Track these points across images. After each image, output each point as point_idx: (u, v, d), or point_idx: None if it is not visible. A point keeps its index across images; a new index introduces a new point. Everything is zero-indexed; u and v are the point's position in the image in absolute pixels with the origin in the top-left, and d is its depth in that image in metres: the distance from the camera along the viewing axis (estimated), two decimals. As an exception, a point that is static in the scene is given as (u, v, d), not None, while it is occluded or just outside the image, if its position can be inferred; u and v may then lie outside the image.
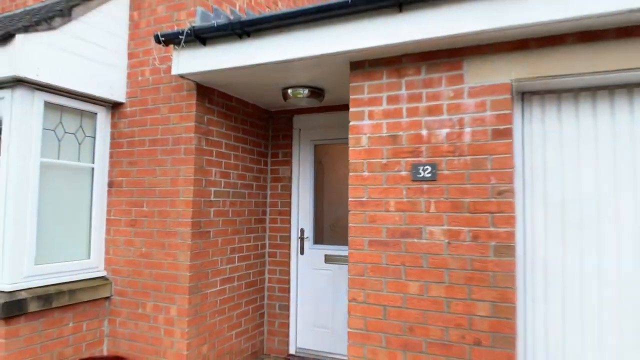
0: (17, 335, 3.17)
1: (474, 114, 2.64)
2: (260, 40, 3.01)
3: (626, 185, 2.51)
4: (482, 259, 2.56)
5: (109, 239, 3.84)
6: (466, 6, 2.44)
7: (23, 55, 3.12)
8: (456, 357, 2.58)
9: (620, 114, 2.55)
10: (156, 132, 3.68)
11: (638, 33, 2.31)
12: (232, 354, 3.97)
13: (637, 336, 2.42)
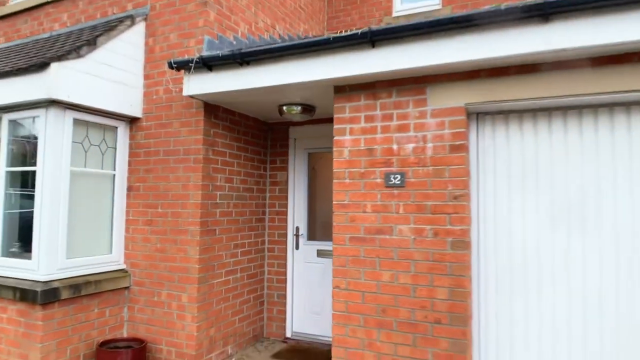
0: (52, 318, 3.73)
1: (435, 131, 3.17)
2: (258, 68, 3.55)
3: (555, 185, 3.03)
4: (441, 252, 3.09)
5: (128, 237, 4.40)
6: (425, 44, 2.97)
7: (56, 80, 3.68)
8: (421, 333, 3.12)
9: (556, 133, 3.07)
10: (169, 144, 4.24)
11: (565, 67, 2.83)
12: (236, 336, 4.54)
13: (568, 301, 2.95)
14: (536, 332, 3.02)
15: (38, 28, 5.28)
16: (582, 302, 2.92)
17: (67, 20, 5.02)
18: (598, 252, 2.91)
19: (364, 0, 6.26)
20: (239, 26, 4.59)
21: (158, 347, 4.14)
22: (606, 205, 2.91)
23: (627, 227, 2.85)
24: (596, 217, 2.93)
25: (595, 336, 2.87)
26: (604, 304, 2.86)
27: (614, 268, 2.86)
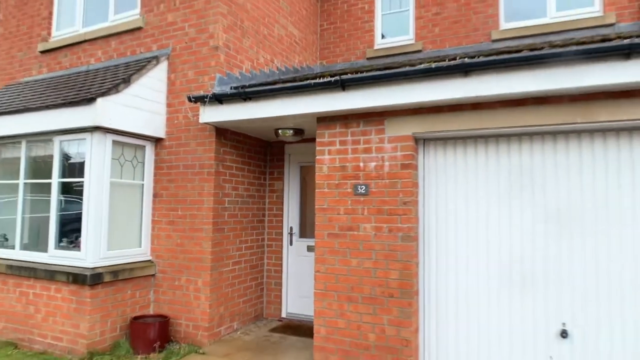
0: (97, 297, 4.79)
1: (390, 153, 4.22)
2: (258, 103, 4.61)
3: (478, 191, 4.07)
4: (394, 244, 4.13)
5: (153, 234, 5.46)
6: (381, 89, 4.02)
7: (101, 111, 4.74)
8: (379, 305, 4.15)
9: (480, 154, 4.11)
10: (187, 160, 5.31)
11: (482, 107, 3.87)
12: (240, 315, 5.59)
13: (486, 273, 3.97)
14: (464, 299, 4.05)
15: (77, 61, 6.36)
16: (497, 271, 3.95)
17: (102, 55, 6.11)
18: (509, 234, 3.93)
19: (351, 34, 7.33)
20: (244, 63, 5.66)
21: (178, 321, 5.19)
22: (506, 199, 3.94)
23: (526, 219, 3.88)
24: (499, 212, 3.96)
25: (505, 297, 3.89)
26: (514, 273, 3.89)
27: (519, 246, 3.89)
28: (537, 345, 3.78)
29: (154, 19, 5.69)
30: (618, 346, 3.53)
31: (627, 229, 3.57)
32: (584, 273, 3.67)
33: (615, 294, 3.57)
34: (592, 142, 3.74)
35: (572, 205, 3.76)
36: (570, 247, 3.73)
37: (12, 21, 7.12)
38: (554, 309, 3.75)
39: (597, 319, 3.60)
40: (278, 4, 6.44)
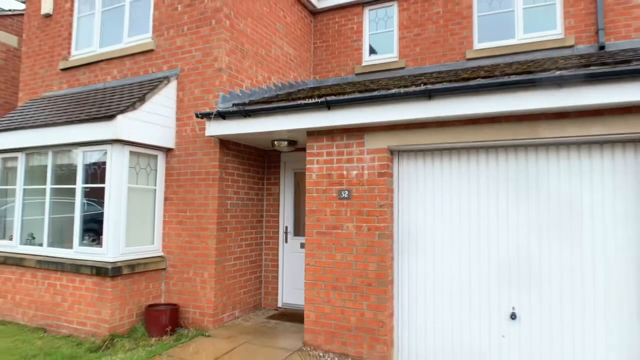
0: (117, 287, 5.51)
1: (369, 163, 4.95)
2: (256, 119, 5.34)
3: (443, 195, 4.79)
4: (372, 240, 4.86)
5: (165, 233, 6.19)
6: (360, 109, 4.74)
7: (119, 126, 5.47)
8: (359, 292, 4.88)
9: (446, 164, 4.84)
10: (194, 167, 6.04)
11: (445, 125, 4.60)
12: (241, 304, 6.32)
13: (450, 262, 4.69)
14: (432, 287, 4.77)
15: (94, 79, 7.10)
16: (459, 262, 4.67)
17: (117, 74, 6.85)
18: (469, 231, 4.66)
19: (341, 52, 8.07)
20: (244, 82, 6.40)
21: (187, 309, 5.92)
22: (466, 203, 4.67)
23: (482, 216, 4.61)
24: (460, 209, 4.69)
25: (466, 285, 4.62)
26: (474, 263, 4.61)
27: (478, 239, 4.61)
28: (492, 325, 4.50)
29: (164, 42, 6.42)
30: (564, 325, 4.25)
31: (564, 230, 4.30)
32: (528, 265, 4.40)
33: (554, 283, 4.29)
34: (537, 154, 4.47)
35: (521, 204, 4.48)
36: (519, 240, 4.45)
37: (35, 41, 7.87)
38: (506, 295, 4.47)
39: (539, 304, 4.32)
40: (275, 27, 7.18)
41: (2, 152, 6.69)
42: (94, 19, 7.30)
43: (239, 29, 6.31)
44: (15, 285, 6.28)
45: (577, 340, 4.15)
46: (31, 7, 8.03)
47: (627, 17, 6.31)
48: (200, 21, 6.14)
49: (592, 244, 4.18)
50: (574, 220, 4.27)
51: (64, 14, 7.57)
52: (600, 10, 6.37)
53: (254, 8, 6.67)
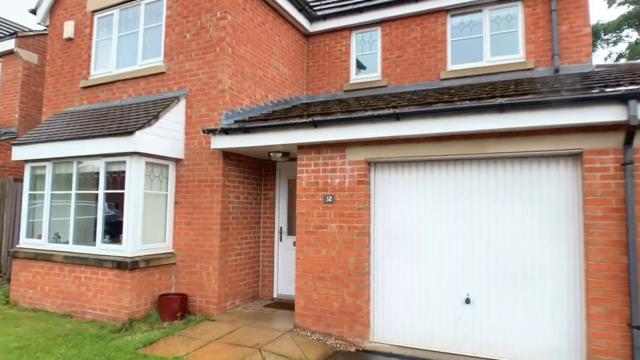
0: (134, 278, 6.42)
1: (349, 173, 5.87)
2: (255, 135, 6.27)
3: (411, 199, 5.71)
4: (351, 238, 5.78)
5: (175, 232, 7.11)
6: (342, 128, 5.67)
7: (137, 140, 6.39)
8: (341, 282, 5.79)
9: (414, 174, 5.76)
10: (200, 175, 6.96)
11: (412, 141, 5.52)
12: (241, 294, 7.24)
13: (424, 259, 5.61)
14: (402, 276, 5.69)
15: (111, 96, 8.03)
16: (424, 255, 5.58)
17: (132, 92, 7.77)
18: (432, 230, 5.57)
19: (331, 71, 9.01)
20: (244, 100, 7.33)
21: (194, 298, 6.83)
22: (430, 206, 5.58)
23: (443, 217, 5.52)
24: (425, 211, 5.60)
25: (430, 274, 5.53)
26: (436, 256, 5.52)
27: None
28: (450, 308, 5.41)
29: (174, 66, 7.36)
30: (507, 308, 5.15)
31: (509, 227, 5.21)
32: (479, 258, 5.31)
33: (500, 273, 5.20)
34: (487, 166, 5.39)
35: (474, 208, 5.40)
36: (472, 238, 5.37)
37: (58, 61, 8.81)
38: (462, 284, 5.37)
39: (489, 289, 5.23)
40: (271, 51, 8.13)
41: (32, 161, 7.61)
42: (111, 43, 8.23)
43: (240, 54, 7.25)
44: (44, 278, 7.19)
45: (519, 319, 5.06)
46: (54, 32, 8.98)
47: (578, 44, 7.26)
48: (206, 48, 7.07)
49: (531, 237, 5.09)
50: (515, 219, 5.18)
51: (84, 38, 8.51)
52: (555, 38, 7.31)
53: (253, 35, 7.61)
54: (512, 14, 7.79)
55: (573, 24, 7.31)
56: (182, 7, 7.37)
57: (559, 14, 7.38)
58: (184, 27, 7.31)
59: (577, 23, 7.28)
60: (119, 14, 8.23)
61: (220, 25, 6.96)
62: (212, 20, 7.04)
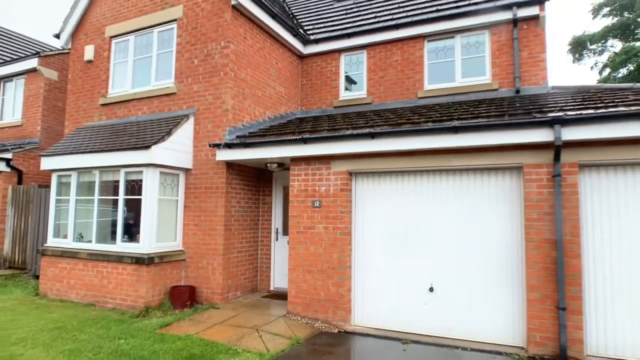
0: (150, 272, 7.47)
1: (334, 181, 6.92)
2: (254, 149, 7.33)
3: (385, 204, 6.76)
4: (335, 237, 6.82)
5: (184, 232, 8.16)
6: (328, 144, 6.73)
7: (153, 154, 7.46)
8: (326, 274, 6.83)
9: (389, 183, 6.81)
10: (207, 183, 8.02)
11: (385, 156, 6.57)
12: (242, 287, 8.28)
13: (393, 255, 6.64)
14: (378, 269, 6.72)
15: (127, 113, 9.10)
16: (398, 252, 6.62)
17: (147, 110, 8.84)
18: (404, 230, 6.61)
19: (322, 88, 10.09)
20: (245, 117, 8.39)
21: (201, 290, 7.87)
22: (401, 210, 6.63)
23: (411, 219, 6.56)
24: (397, 214, 6.64)
25: (402, 267, 6.56)
26: (407, 252, 6.55)
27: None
28: (418, 295, 6.44)
29: (184, 87, 8.43)
30: (475, 300, 6.18)
31: (469, 227, 6.25)
32: (441, 253, 6.34)
33: (458, 264, 6.23)
34: (447, 177, 6.43)
35: (437, 212, 6.44)
36: (436, 237, 6.41)
37: (79, 81, 9.89)
38: (427, 274, 6.40)
39: (453, 282, 6.26)
40: (269, 72, 9.20)
41: (59, 171, 8.67)
42: (127, 66, 9.32)
43: (241, 77, 8.32)
44: (70, 273, 8.24)
45: (474, 304, 6.08)
46: (75, 54, 10.07)
47: (536, 68, 8.32)
48: (211, 72, 8.14)
49: (482, 246, 6.13)
50: (472, 220, 6.22)
51: (103, 60, 9.59)
52: (517, 63, 8.38)
53: (252, 60, 8.68)
54: (480, 40, 8.86)
55: (532, 51, 8.37)
56: (191, 36, 8.45)
57: (520, 42, 8.45)
58: (193, 54, 8.39)
59: (536, 50, 8.34)
60: (134, 40, 9.31)
61: (224, 53, 8.03)
62: (217, 49, 8.12)
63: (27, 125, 12.23)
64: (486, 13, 8.66)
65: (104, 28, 9.70)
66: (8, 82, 13.04)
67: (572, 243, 5.43)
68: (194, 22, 8.44)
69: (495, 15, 8.58)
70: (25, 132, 12.27)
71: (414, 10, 9.82)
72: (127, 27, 9.31)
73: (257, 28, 8.86)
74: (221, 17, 8.14)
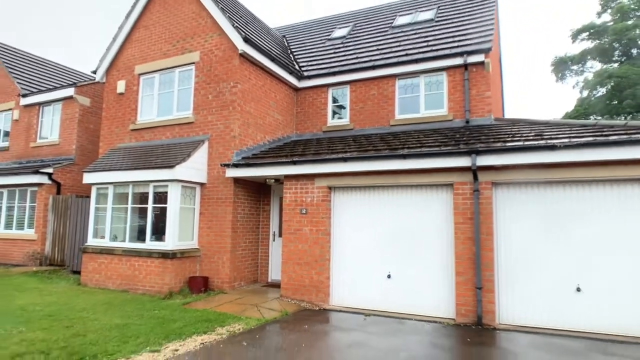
0: (173, 264, 9.50)
1: (317, 194, 8.98)
2: (255, 168, 9.40)
3: (356, 213, 8.79)
4: (317, 237, 8.86)
5: (199, 234, 10.21)
6: (312, 165, 8.79)
7: (177, 172, 9.53)
8: (311, 266, 8.85)
9: (361, 196, 8.85)
10: (218, 194, 10.09)
11: (355, 175, 8.62)
12: (245, 278, 10.32)
13: (367, 245, 8.65)
14: (351, 261, 8.73)
15: (154, 137, 11.21)
16: (364, 247, 8.63)
17: (169, 135, 10.95)
18: (367, 232, 8.63)
19: (313, 116, 12.20)
20: (249, 142, 10.48)
21: (212, 279, 9.89)
22: (367, 216, 8.65)
23: (375, 224, 8.59)
24: (364, 219, 8.67)
25: (368, 260, 8.57)
26: (371, 249, 8.56)
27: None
28: (379, 282, 8.43)
29: (200, 117, 10.54)
30: (420, 284, 8.18)
31: (413, 231, 8.26)
32: (396, 248, 8.36)
33: (408, 257, 8.24)
34: (399, 191, 8.46)
35: (394, 217, 8.46)
36: (392, 236, 8.43)
37: (112, 109, 12.04)
38: (386, 265, 8.40)
39: (405, 270, 8.27)
40: (269, 104, 11.32)
41: (98, 184, 10.77)
42: (153, 98, 11.46)
43: (246, 110, 10.43)
44: (107, 266, 10.29)
45: (419, 286, 8.08)
46: (109, 87, 12.23)
47: (482, 103, 10.39)
48: (222, 106, 10.26)
49: (424, 243, 8.14)
50: (418, 223, 8.24)
51: (132, 93, 11.74)
52: (467, 99, 10.45)
53: (255, 95, 10.81)
54: (440, 80, 10.96)
55: (479, 89, 10.45)
56: (206, 76, 10.58)
57: (470, 82, 10.54)
58: (207, 91, 10.51)
59: (482, 89, 10.43)
60: (159, 77, 11.46)
61: (233, 91, 10.15)
62: (227, 87, 10.24)
63: (64, 144, 14.39)
64: (444, 58, 10.76)
65: (133, 66, 11.86)
66: (46, 107, 15.24)
67: (487, 240, 7.44)
68: (209, 66, 10.58)
69: (451, 61, 10.68)
70: (61, 149, 14.42)
71: (388, 53, 11.95)
72: (153, 66, 11.47)
73: (260, 69, 11.00)
74: (230, 63, 10.28)
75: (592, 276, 6.80)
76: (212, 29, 10.65)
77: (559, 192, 7.18)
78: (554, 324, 6.88)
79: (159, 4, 11.69)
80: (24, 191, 13.85)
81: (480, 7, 12.91)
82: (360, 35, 14.28)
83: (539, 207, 7.28)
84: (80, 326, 6.46)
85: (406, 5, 15.73)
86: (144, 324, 6.69)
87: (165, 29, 11.45)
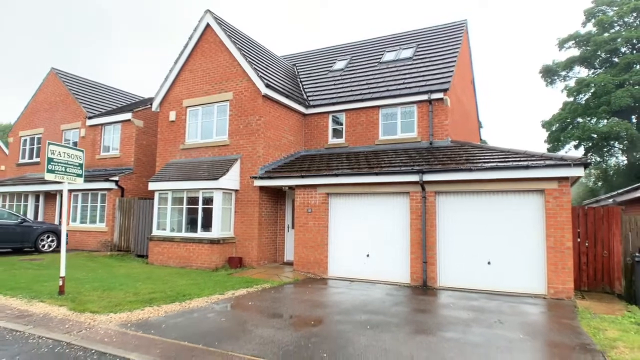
0: (218, 248, 13.41)
1: (319, 198, 12.77)
2: (274, 179, 13.22)
3: (346, 213, 12.57)
4: (319, 228, 12.67)
5: (235, 226, 14.09)
6: (314, 178, 12.57)
7: (219, 182, 13.40)
8: (315, 248, 12.67)
9: (348, 200, 12.61)
10: (248, 198, 13.95)
11: (345, 185, 12.38)
12: (268, 259, 14.22)
13: (360, 238, 12.45)
14: (343, 245, 12.53)
15: (198, 155, 15.11)
16: (352, 237, 12.42)
17: (210, 154, 14.84)
18: (354, 225, 12.41)
19: (318, 136, 15.97)
20: (269, 159, 14.31)
21: (244, 259, 13.79)
22: (354, 214, 12.43)
23: (361, 221, 12.36)
24: (352, 217, 12.45)
25: (354, 244, 12.36)
26: (356, 238, 12.35)
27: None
28: (361, 259, 12.22)
29: (233, 141, 14.39)
30: (388, 260, 11.96)
31: (384, 225, 12.02)
32: (373, 236, 12.12)
33: (381, 242, 12.00)
34: (375, 197, 12.20)
35: (371, 216, 12.21)
36: (369, 228, 12.19)
37: (165, 133, 15.97)
38: (366, 248, 12.16)
39: (378, 251, 12.03)
40: (284, 129, 15.12)
41: (160, 191, 14.72)
42: (197, 125, 15.34)
43: (267, 135, 14.25)
44: (169, 250, 14.26)
45: (387, 262, 11.84)
46: (162, 116, 16.15)
47: (442, 129, 14.05)
48: (250, 134, 14.08)
49: (391, 232, 11.88)
50: (387, 219, 11.98)
51: (181, 120, 15.64)
52: (431, 126, 14.11)
53: (274, 123, 14.61)
54: (412, 110, 14.61)
55: (440, 119, 14.09)
56: (238, 110, 14.41)
57: (433, 113, 14.17)
58: (239, 121, 14.35)
59: (441, 118, 14.07)
60: (201, 109, 15.33)
61: (258, 123, 13.97)
62: (254, 119, 14.06)
63: (123, 157, 18.41)
64: (414, 95, 14.40)
65: (181, 100, 15.74)
66: (107, 126, 19.27)
67: (431, 230, 11.17)
68: (240, 103, 14.40)
69: (419, 97, 14.31)
70: (121, 161, 18.44)
71: (375, 88, 15.62)
72: (197, 101, 15.33)
73: (277, 104, 14.79)
74: (256, 101, 14.09)
75: (497, 254, 10.51)
76: (241, 75, 14.46)
77: (476, 198, 10.87)
78: (473, 285, 10.61)
79: (200, 53, 15.53)
80: (95, 194, 17.93)
81: (446, 51, 16.46)
82: (355, 67, 17.95)
83: (464, 208, 10.98)
84: (171, 283, 10.39)
85: (395, 39, 19.33)
86: (208, 283, 10.60)
87: (205, 73, 15.29)
